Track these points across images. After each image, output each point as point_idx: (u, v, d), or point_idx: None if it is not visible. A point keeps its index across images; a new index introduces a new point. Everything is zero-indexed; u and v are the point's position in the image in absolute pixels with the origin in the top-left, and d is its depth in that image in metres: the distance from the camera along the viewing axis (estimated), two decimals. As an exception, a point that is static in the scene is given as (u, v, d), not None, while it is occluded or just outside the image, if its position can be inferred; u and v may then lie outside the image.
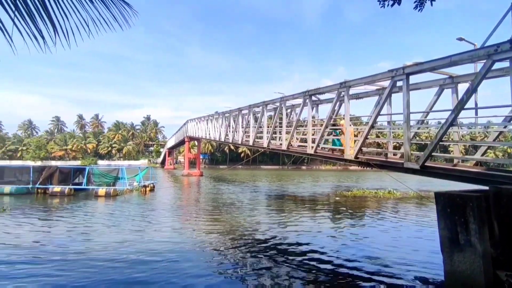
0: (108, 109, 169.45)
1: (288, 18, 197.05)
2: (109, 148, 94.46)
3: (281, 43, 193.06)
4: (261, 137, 17.93)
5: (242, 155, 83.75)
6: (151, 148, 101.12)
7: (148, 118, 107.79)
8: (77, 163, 79.06)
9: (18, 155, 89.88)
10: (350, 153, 9.74)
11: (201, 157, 54.51)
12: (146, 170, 23.95)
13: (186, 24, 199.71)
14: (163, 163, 74.52)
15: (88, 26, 4.14)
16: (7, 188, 18.09)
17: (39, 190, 18.62)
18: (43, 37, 4.12)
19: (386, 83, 8.87)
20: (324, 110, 18.68)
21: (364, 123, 11.35)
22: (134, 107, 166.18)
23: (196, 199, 18.40)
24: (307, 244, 8.51)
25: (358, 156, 9.44)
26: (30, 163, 72.41)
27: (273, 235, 9.33)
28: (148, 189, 20.96)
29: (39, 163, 74.86)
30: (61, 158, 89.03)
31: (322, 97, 13.40)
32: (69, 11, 4.13)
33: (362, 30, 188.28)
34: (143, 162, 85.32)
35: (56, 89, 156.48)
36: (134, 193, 20.05)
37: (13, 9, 3.96)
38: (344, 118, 10.09)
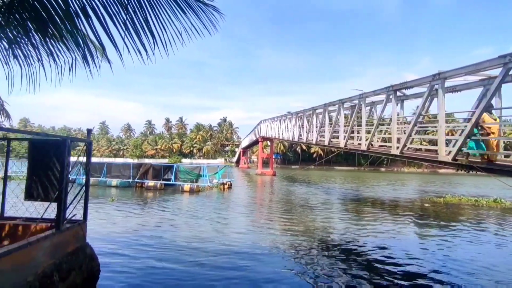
0: (190, 112, 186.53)
1: (363, 10, 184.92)
2: (191, 148, 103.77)
3: (356, 37, 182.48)
4: (337, 137, 17.19)
5: (315, 155, 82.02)
6: (227, 148, 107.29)
7: (224, 119, 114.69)
8: (165, 161, 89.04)
9: (121, 153, 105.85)
10: (444, 154, 8.51)
11: (273, 157, 55.28)
12: (224, 169, 25.44)
13: (258, 28, 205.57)
14: (237, 162, 78.24)
15: (181, 36, 4.53)
16: (114, 181, 21.45)
17: (137, 184, 21.53)
18: (146, 50, 4.64)
19: (495, 72, 7.47)
20: (408, 107, 16.80)
21: (462, 120, 9.79)
22: (212, 109, 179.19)
23: (270, 198, 18.69)
24: (387, 254, 7.75)
25: (457, 158, 8.18)
26: (130, 160, 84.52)
27: (348, 240, 8.80)
28: (226, 186, 22.23)
29: (136, 160, 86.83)
30: (152, 156, 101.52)
31: (408, 92, 12.10)
32: (166, 24, 4.57)
33: (452, 14, 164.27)
34: (220, 161, 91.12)
35: (148, 96, 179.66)
36: (214, 190, 21.50)
37: (123, 28, 4.54)
38: (490, 113, 8.47)
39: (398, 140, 10.86)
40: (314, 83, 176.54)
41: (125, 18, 4.32)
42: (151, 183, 20.79)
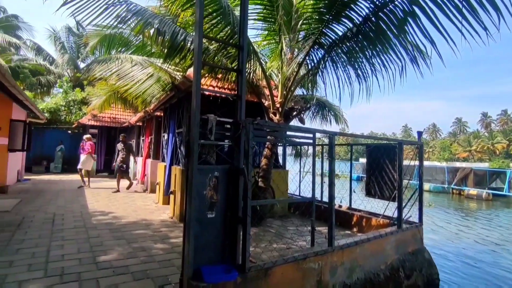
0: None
1: None
2: (526, 148, 76.66)
3: None
4: None
5: None
6: None
7: None
8: (484, 165, 72.46)
9: (426, 156, 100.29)
10: None
11: None
12: None
13: None
14: None
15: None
16: (427, 186, 20.27)
17: (454, 191, 18.97)
18: (486, 29, 3.76)
19: None
20: None
21: None
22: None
23: None
24: None
25: None
26: (437, 163, 77.53)
27: None
28: None
29: (444, 164, 78.09)
30: (464, 159, 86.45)
31: None
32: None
33: None
34: None
35: (453, 90, 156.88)
36: None
37: (457, 13, 3.95)
38: None
39: None
40: None
41: (457, 1, 3.80)
42: (473, 191, 17.47)
